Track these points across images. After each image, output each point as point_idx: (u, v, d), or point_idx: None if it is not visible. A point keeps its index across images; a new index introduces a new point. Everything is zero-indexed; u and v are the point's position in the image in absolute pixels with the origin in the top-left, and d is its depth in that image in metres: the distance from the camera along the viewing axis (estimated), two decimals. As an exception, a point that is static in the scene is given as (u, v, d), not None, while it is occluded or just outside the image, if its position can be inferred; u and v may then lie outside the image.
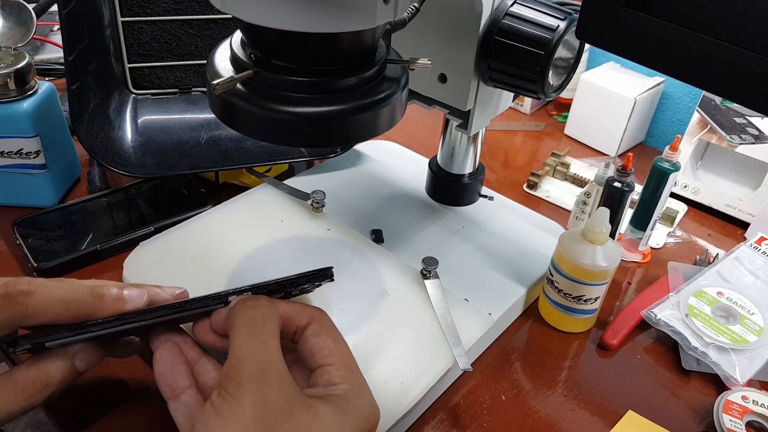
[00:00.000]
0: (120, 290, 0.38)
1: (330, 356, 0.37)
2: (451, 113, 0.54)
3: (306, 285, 0.41)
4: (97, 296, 0.37)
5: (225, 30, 0.68)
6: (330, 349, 0.37)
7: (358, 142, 0.71)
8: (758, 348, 0.53)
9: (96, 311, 0.37)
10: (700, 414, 0.49)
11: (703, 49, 0.34)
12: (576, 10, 0.46)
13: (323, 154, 0.68)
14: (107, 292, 0.38)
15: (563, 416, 0.48)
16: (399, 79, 0.39)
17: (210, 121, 0.68)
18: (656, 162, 0.58)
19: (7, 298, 0.35)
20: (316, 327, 0.38)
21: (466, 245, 0.58)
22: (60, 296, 0.37)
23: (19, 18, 0.63)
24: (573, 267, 0.51)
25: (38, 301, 0.36)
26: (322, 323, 0.38)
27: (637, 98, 0.79)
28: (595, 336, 0.55)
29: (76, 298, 0.37)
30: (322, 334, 0.37)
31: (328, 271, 0.41)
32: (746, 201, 0.70)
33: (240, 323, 0.35)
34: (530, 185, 0.74)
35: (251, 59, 0.37)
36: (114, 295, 0.38)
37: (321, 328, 0.38)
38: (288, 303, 0.38)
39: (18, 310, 0.35)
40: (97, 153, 0.58)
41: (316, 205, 0.59)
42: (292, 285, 0.41)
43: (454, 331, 0.48)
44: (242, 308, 0.36)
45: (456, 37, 0.48)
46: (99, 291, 0.38)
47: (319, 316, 0.38)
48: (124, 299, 0.38)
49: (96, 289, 0.38)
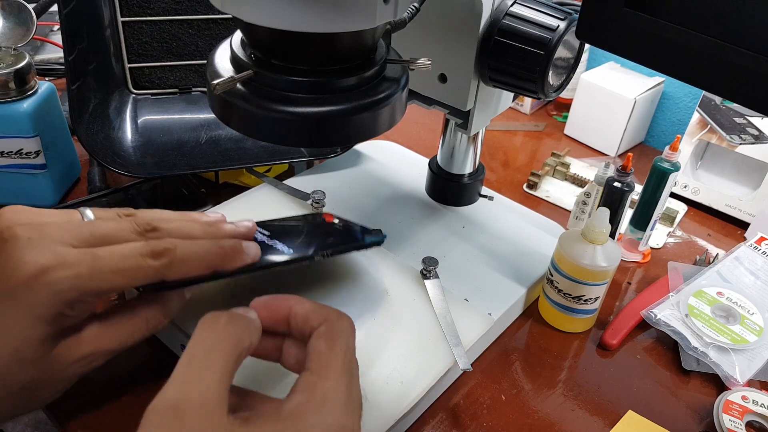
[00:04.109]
0: (239, 243, 0.42)
1: (314, 360, 0.34)
2: (451, 113, 0.54)
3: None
4: (223, 250, 0.40)
5: (225, 30, 0.68)
6: (318, 353, 0.35)
7: (358, 142, 0.71)
8: (758, 348, 0.53)
9: (223, 265, 0.41)
10: (700, 414, 0.49)
11: (703, 49, 0.34)
12: (576, 10, 0.46)
13: (323, 154, 0.68)
14: (228, 245, 0.41)
15: (563, 416, 0.48)
16: (399, 79, 0.39)
17: (210, 121, 0.68)
18: (656, 162, 0.58)
19: (153, 256, 0.37)
20: (322, 329, 0.36)
21: (466, 245, 0.58)
22: (195, 252, 0.39)
23: (19, 18, 0.63)
24: (573, 267, 0.51)
25: (178, 258, 0.38)
26: (331, 327, 0.36)
27: (637, 98, 0.79)
28: (595, 336, 0.55)
29: (208, 253, 0.40)
30: (323, 338, 0.36)
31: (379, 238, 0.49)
32: (746, 201, 0.70)
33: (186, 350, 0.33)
34: (530, 185, 0.74)
35: (251, 59, 0.37)
36: (238, 249, 0.41)
37: (327, 331, 0.36)
38: (309, 303, 0.37)
39: (160, 266, 0.37)
40: (97, 153, 0.58)
41: (316, 205, 0.59)
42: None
43: (454, 331, 0.48)
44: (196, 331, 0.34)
45: (456, 37, 0.48)
46: (223, 245, 0.41)
47: (333, 319, 0.37)
48: (244, 254, 0.42)
49: (221, 242, 0.41)
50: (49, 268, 0.35)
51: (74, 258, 0.36)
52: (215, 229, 0.42)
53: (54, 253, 0.35)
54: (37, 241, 0.36)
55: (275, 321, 0.37)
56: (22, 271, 0.35)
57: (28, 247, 0.35)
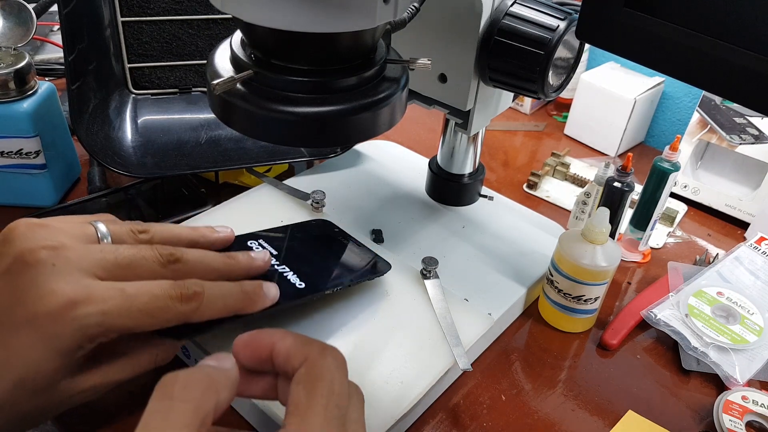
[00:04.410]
0: (260, 287, 0.42)
1: (291, 414, 0.31)
2: (451, 113, 0.54)
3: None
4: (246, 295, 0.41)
5: (225, 30, 0.68)
6: (297, 405, 0.31)
7: (358, 142, 0.71)
8: (758, 348, 0.53)
9: (245, 310, 0.41)
10: (700, 414, 0.49)
11: (703, 49, 0.34)
12: (576, 10, 0.46)
13: (323, 154, 0.68)
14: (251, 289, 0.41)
15: (563, 416, 0.48)
16: (399, 79, 0.39)
17: (210, 121, 0.68)
18: (656, 162, 0.58)
19: (182, 299, 0.37)
20: (302, 373, 0.32)
21: (466, 245, 0.58)
22: (220, 297, 0.39)
23: (19, 18, 0.63)
24: (573, 267, 0.51)
25: (205, 303, 0.38)
26: (311, 368, 0.33)
27: (637, 98, 0.79)
28: (595, 336, 0.55)
29: (232, 298, 0.40)
30: (302, 383, 0.32)
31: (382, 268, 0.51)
32: (746, 201, 0.70)
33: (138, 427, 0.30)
34: (530, 185, 0.74)
35: (251, 59, 0.37)
36: (259, 293, 0.42)
37: (306, 374, 0.32)
38: (291, 338, 0.34)
39: (188, 311, 0.38)
40: (97, 153, 0.58)
41: (316, 205, 0.59)
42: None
43: (454, 331, 0.48)
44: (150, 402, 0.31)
45: (456, 37, 0.48)
46: (246, 289, 0.41)
47: (315, 357, 0.33)
48: (264, 297, 0.42)
49: (243, 286, 0.41)
50: (77, 302, 0.34)
51: (102, 293, 0.35)
52: (234, 261, 0.43)
53: (82, 285, 0.35)
54: (62, 268, 0.35)
55: (259, 361, 0.34)
56: (48, 301, 0.34)
57: (54, 275, 0.35)
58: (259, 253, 0.45)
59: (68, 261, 0.36)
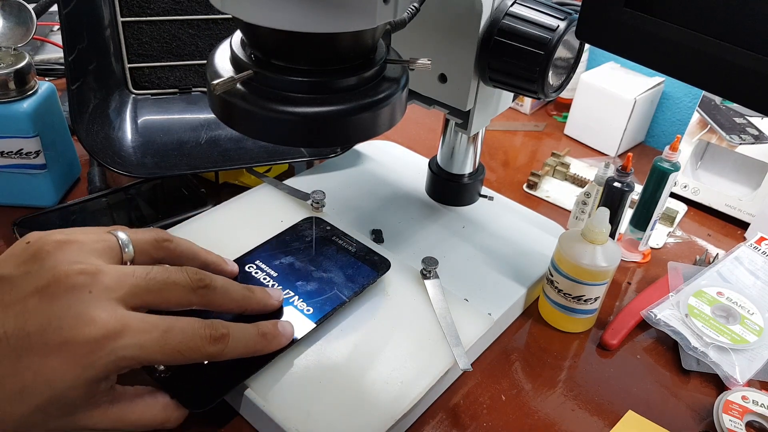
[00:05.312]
0: (276, 328, 0.43)
1: None
2: (451, 113, 0.54)
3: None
4: (264, 337, 0.42)
5: (225, 30, 0.68)
6: None
7: (358, 142, 0.71)
8: (758, 348, 0.53)
9: (261, 351, 0.42)
10: (700, 414, 0.49)
11: (703, 49, 0.34)
12: (576, 10, 0.46)
13: (323, 154, 0.68)
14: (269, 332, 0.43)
15: (563, 416, 0.48)
16: (399, 79, 0.39)
17: (210, 121, 0.68)
18: (656, 162, 0.58)
19: (212, 341, 0.38)
20: None
21: (466, 245, 0.58)
22: (242, 340, 0.40)
23: (19, 18, 0.63)
24: (573, 267, 0.51)
25: (230, 346, 0.39)
26: None
27: (637, 98, 0.79)
28: (595, 336, 0.55)
29: (252, 340, 0.41)
30: None
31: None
32: (746, 201, 0.70)
33: None
34: (530, 185, 0.74)
35: (251, 59, 0.37)
36: (276, 335, 0.43)
37: None
38: None
39: (215, 352, 0.39)
40: (97, 153, 0.58)
41: (316, 205, 0.59)
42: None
43: (454, 331, 0.48)
44: None
45: (456, 37, 0.48)
46: (265, 333, 0.42)
47: None
48: (281, 337, 0.43)
49: (261, 328, 0.42)
50: (116, 334, 0.35)
51: (139, 326, 0.36)
52: (252, 295, 0.44)
53: (119, 315, 0.35)
54: (98, 295, 0.35)
55: None
56: (87, 330, 0.34)
57: (92, 302, 0.35)
58: (275, 291, 0.47)
59: (105, 288, 0.36)
